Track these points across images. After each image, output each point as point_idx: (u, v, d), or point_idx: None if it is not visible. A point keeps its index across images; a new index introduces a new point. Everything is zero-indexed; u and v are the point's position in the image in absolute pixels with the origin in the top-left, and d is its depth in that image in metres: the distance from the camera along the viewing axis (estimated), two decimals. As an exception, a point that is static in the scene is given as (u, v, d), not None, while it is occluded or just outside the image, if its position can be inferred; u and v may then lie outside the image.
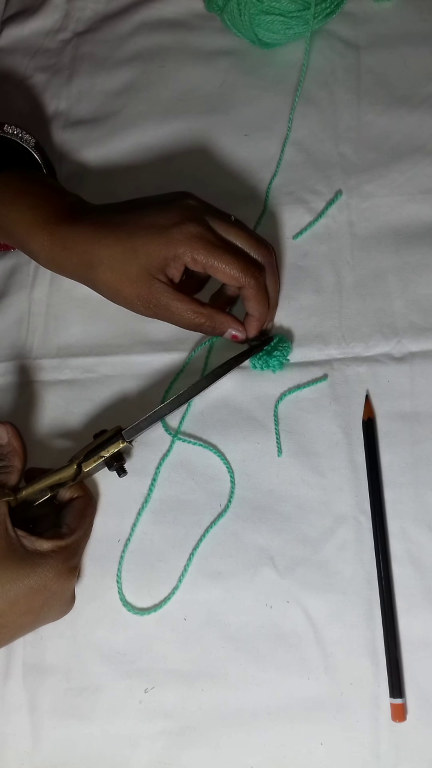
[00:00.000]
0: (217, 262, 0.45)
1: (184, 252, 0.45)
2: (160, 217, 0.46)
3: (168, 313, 0.47)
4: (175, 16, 0.62)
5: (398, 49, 0.57)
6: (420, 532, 0.44)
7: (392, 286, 0.50)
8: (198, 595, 0.45)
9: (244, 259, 0.46)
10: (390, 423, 0.47)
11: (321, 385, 0.48)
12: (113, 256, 0.46)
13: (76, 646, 0.45)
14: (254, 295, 0.47)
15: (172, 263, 0.45)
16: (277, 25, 0.56)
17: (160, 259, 0.45)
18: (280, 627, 0.44)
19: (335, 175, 0.54)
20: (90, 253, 0.46)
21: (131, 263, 0.45)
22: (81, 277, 0.48)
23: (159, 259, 0.45)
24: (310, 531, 0.45)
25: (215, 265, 0.45)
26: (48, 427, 0.50)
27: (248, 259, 0.46)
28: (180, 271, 0.46)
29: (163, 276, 0.46)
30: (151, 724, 0.43)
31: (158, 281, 0.46)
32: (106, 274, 0.46)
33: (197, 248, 0.45)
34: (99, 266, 0.46)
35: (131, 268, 0.45)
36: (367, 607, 0.43)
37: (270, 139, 0.56)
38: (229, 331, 0.48)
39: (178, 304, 0.46)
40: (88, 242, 0.46)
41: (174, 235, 0.45)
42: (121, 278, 0.46)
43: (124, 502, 0.48)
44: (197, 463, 0.48)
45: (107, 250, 0.46)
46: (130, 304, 0.47)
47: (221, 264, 0.45)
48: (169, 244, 0.45)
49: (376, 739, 0.41)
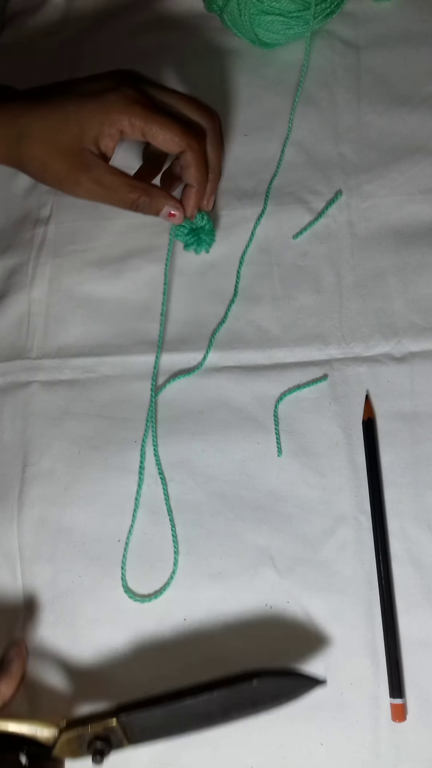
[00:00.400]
0: (156, 125, 0.43)
1: (120, 117, 0.42)
2: (94, 85, 0.43)
3: (101, 189, 0.44)
4: (175, 16, 0.62)
5: (398, 49, 0.57)
6: (420, 532, 0.44)
7: (392, 286, 0.50)
8: (198, 595, 0.45)
9: (183, 122, 0.44)
10: (390, 423, 0.47)
11: (321, 385, 0.48)
12: (43, 126, 0.43)
13: (76, 647, 0.45)
14: (195, 160, 0.45)
15: (107, 129, 0.42)
16: (277, 25, 0.56)
17: (95, 126, 0.42)
18: (281, 627, 0.44)
19: (335, 175, 0.54)
20: (19, 125, 0.43)
21: (63, 133, 0.42)
22: (6, 157, 0.45)
23: (94, 126, 0.42)
24: (310, 531, 0.45)
25: (153, 129, 0.43)
26: (47, 427, 0.50)
27: (189, 123, 0.45)
28: (114, 140, 0.43)
29: (95, 148, 0.43)
30: (151, 724, 0.43)
31: (91, 153, 0.43)
32: (35, 148, 0.43)
33: (134, 112, 0.42)
34: (26, 139, 0.43)
35: (63, 138, 0.42)
36: (367, 607, 0.43)
37: (270, 139, 0.56)
38: (165, 209, 0.46)
39: (112, 178, 0.44)
40: (15, 113, 0.43)
41: (109, 99, 0.42)
42: (51, 151, 0.43)
43: (122, 502, 0.47)
44: (197, 463, 0.48)
45: (37, 121, 0.43)
46: (59, 181, 0.45)
47: (159, 128, 0.43)
48: (103, 109, 0.42)
49: (376, 739, 0.41)
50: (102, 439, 0.49)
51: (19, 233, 0.56)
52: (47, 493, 0.48)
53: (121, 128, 0.43)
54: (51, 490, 0.48)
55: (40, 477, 0.49)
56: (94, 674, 0.44)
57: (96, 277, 0.53)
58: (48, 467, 0.49)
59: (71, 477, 0.48)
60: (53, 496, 0.48)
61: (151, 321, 0.51)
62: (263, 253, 0.53)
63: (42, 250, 0.55)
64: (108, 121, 0.42)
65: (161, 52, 0.61)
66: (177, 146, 0.44)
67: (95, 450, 0.49)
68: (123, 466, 0.48)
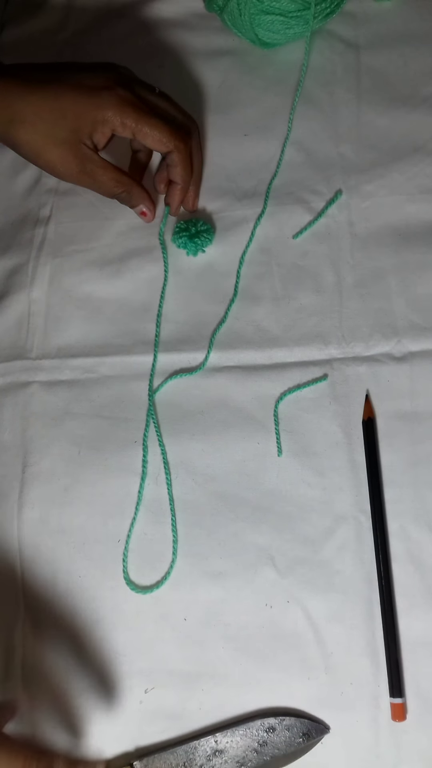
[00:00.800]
0: (147, 126, 0.45)
1: (113, 115, 0.44)
2: (89, 80, 0.45)
3: (90, 179, 0.47)
4: (174, 16, 0.62)
5: (398, 48, 0.57)
6: (420, 532, 0.44)
7: (392, 286, 0.50)
8: (198, 595, 0.45)
9: (172, 124, 0.47)
10: (390, 423, 0.47)
11: (321, 385, 0.48)
12: (39, 115, 0.44)
13: (76, 647, 0.45)
14: (181, 160, 0.48)
15: (100, 127, 0.45)
16: (277, 25, 0.56)
17: (89, 122, 0.44)
18: (281, 627, 0.44)
19: (335, 174, 0.54)
20: (12, 108, 0.44)
21: (59, 125, 0.44)
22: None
23: (88, 121, 0.44)
24: (310, 531, 0.45)
25: (144, 130, 0.45)
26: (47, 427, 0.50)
27: (176, 125, 0.47)
28: (106, 137, 0.46)
29: (89, 141, 0.45)
30: (151, 725, 0.43)
31: (85, 146, 0.45)
32: (29, 134, 0.45)
33: (127, 112, 0.45)
34: (21, 124, 0.45)
35: (59, 130, 0.45)
36: (367, 607, 0.43)
37: (270, 139, 0.56)
38: (140, 206, 0.49)
39: (102, 172, 0.46)
40: (9, 96, 0.44)
41: (104, 98, 0.44)
42: (45, 140, 0.45)
43: (122, 502, 0.47)
44: (197, 463, 0.48)
45: (32, 108, 0.44)
46: (51, 167, 0.47)
47: (150, 128, 0.45)
48: (99, 107, 0.44)
49: (376, 739, 0.41)
50: (102, 440, 0.49)
51: (19, 233, 0.56)
52: (47, 493, 0.48)
53: (114, 127, 0.45)
54: (51, 491, 0.48)
55: (40, 477, 0.49)
56: (94, 676, 0.44)
57: (96, 277, 0.53)
58: (48, 468, 0.49)
59: (71, 477, 0.48)
60: (53, 497, 0.48)
61: (151, 321, 0.51)
62: (263, 253, 0.53)
63: (42, 250, 0.55)
64: (102, 120, 0.44)
65: (161, 51, 0.61)
66: (165, 147, 0.47)
67: (95, 450, 0.49)
68: (123, 466, 0.48)
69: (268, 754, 0.41)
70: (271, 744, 0.41)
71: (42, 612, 0.46)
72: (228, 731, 0.42)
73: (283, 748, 0.41)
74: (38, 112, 0.44)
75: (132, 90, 0.46)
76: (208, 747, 0.42)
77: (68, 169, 0.46)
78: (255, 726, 0.42)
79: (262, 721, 0.42)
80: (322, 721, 0.42)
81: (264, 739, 0.42)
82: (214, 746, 0.42)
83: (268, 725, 0.42)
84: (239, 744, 0.42)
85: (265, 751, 0.41)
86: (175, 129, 0.47)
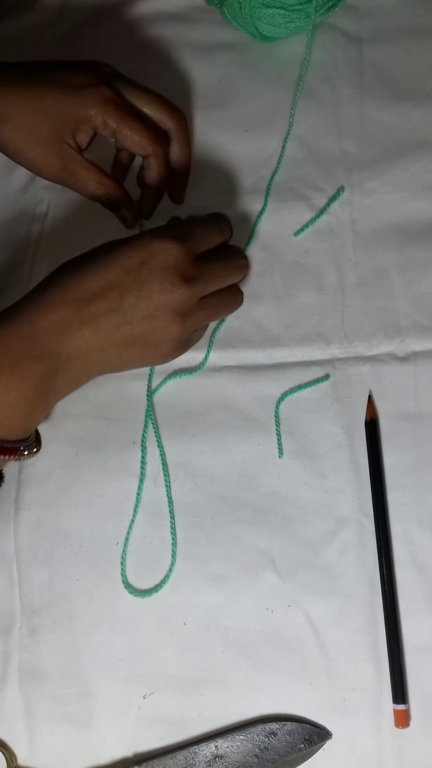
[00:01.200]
0: (127, 128, 0.46)
1: (96, 114, 0.45)
2: (72, 78, 0.45)
3: (72, 179, 0.47)
4: (174, 10, 0.62)
5: (401, 43, 0.56)
6: (423, 535, 0.44)
7: (395, 285, 0.49)
8: (198, 598, 0.44)
9: (152, 128, 0.47)
10: (393, 424, 0.46)
11: (323, 385, 0.48)
12: (21, 114, 0.44)
13: (74, 651, 0.44)
14: (158, 165, 0.48)
15: (83, 125, 0.45)
16: (278, 19, 0.55)
17: (72, 121, 0.45)
18: (282, 631, 0.43)
19: (337, 171, 0.53)
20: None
21: (42, 124, 0.45)
22: None
23: (71, 120, 0.45)
24: (311, 534, 0.45)
25: (124, 132, 0.46)
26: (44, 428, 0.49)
27: (156, 130, 0.48)
28: (89, 136, 0.46)
29: (72, 141, 0.46)
30: (150, 731, 0.43)
31: (68, 145, 0.46)
32: (12, 133, 0.45)
33: (109, 112, 0.45)
34: (4, 123, 0.45)
35: (41, 129, 0.45)
36: (369, 612, 0.43)
37: (271, 134, 0.55)
38: (121, 211, 0.49)
39: (85, 173, 0.47)
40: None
41: (87, 97, 0.45)
42: (28, 139, 0.45)
43: (120, 504, 0.47)
44: (197, 464, 0.47)
45: (14, 107, 0.44)
46: (33, 166, 0.47)
47: (131, 131, 0.46)
48: (81, 105, 0.44)
49: (378, 746, 0.41)
50: (100, 441, 0.48)
51: (15, 230, 0.55)
52: (44, 495, 0.47)
53: (95, 126, 0.45)
54: (48, 492, 0.48)
55: (36, 479, 0.48)
56: (92, 679, 0.44)
57: (94, 275, 0.53)
58: (45, 469, 0.48)
59: (69, 479, 0.48)
60: (50, 499, 0.47)
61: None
62: (264, 251, 0.52)
63: (39, 246, 0.54)
64: (84, 118, 0.45)
65: (160, 45, 0.61)
66: (144, 150, 0.47)
67: (93, 451, 0.48)
68: (121, 467, 0.48)
69: (269, 759, 0.41)
70: (272, 749, 0.41)
71: (39, 616, 0.45)
72: (228, 736, 0.41)
73: (284, 754, 0.41)
74: (21, 112, 0.44)
75: (115, 88, 0.46)
76: (208, 752, 0.41)
77: (50, 169, 0.46)
78: (256, 731, 0.41)
79: (263, 726, 0.41)
80: (324, 727, 0.41)
81: (265, 744, 0.41)
82: (214, 751, 0.41)
83: (269, 730, 0.41)
84: (240, 749, 0.41)
85: (266, 757, 0.41)
86: (155, 134, 0.48)
